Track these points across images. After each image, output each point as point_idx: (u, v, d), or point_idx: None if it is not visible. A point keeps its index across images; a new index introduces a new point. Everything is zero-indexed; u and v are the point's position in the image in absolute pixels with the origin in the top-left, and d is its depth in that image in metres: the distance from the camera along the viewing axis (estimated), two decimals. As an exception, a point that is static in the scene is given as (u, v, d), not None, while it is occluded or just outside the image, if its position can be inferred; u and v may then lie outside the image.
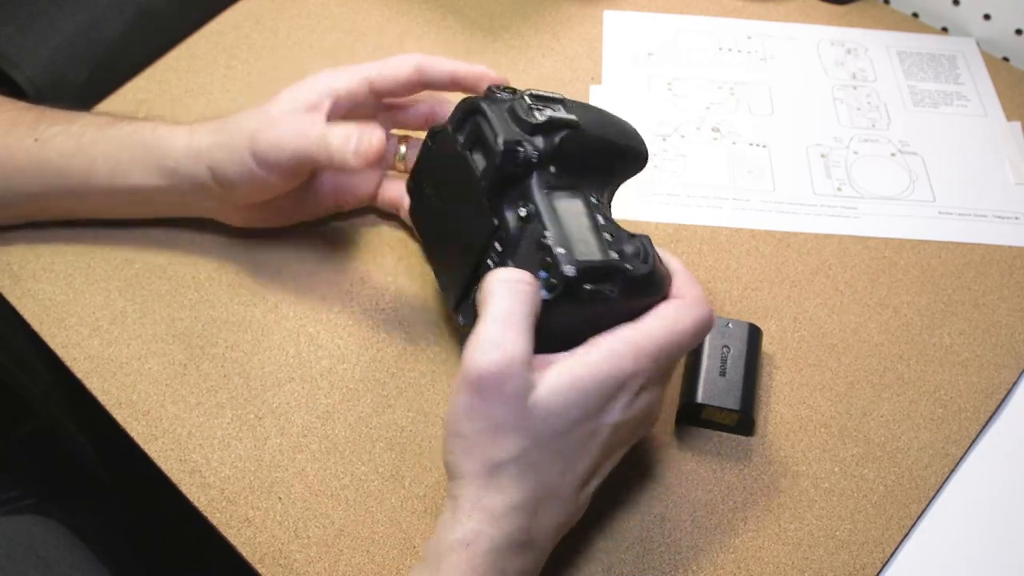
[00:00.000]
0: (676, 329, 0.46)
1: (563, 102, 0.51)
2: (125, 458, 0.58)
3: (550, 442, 0.44)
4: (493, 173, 0.48)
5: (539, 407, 0.43)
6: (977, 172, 0.70)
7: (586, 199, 0.49)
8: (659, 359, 0.46)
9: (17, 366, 0.87)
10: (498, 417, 0.43)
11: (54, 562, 0.62)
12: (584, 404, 0.44)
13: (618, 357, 0.45)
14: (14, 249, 0.63)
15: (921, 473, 0.54)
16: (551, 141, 0.49)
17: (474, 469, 0.44)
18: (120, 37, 0.73)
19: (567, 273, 0.44)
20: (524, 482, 0.44)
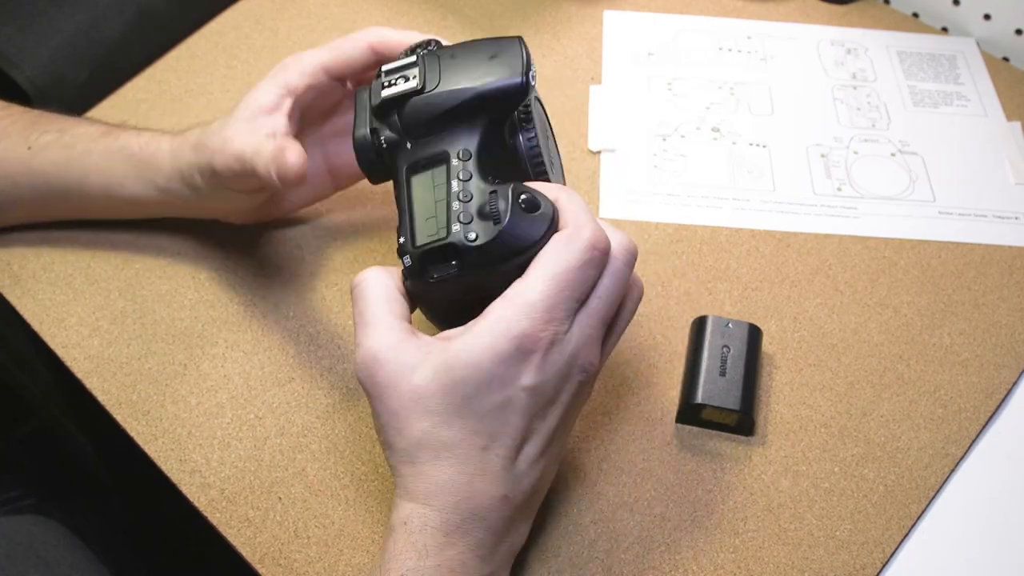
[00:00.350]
0: (562, 268, 0.43)
1: (417, 63, 0.47)
2: (125, 458, 0.58)
3: (455, 419, 0.43)
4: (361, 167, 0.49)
5: (427, 387, 0.43)
6: (977, 172, 0.70)
7: (448, 163, 0.46)
8: (554, 307, 0.43)
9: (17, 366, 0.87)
10: (391, 406, 0.44)
11: (54, 562, 0.62)
12: (481, 379, 0.42)
13: (505, 320, 0.42)
14: (14, 249, 0.63)
15: (921, 473, 0.54)
16: (395, 119, 0.47)
17: (397, 461, 0.44)
18: (120, 37, 0.73)
19: (405, 264, 0.45)
20: (442, 463, 0.43)
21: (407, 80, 0.47)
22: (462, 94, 0.46)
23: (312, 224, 0.65)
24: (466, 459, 0.43)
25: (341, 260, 0.63)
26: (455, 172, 0.45)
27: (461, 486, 0.43)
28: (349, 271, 0.62)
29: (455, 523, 0.43)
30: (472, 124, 0.47)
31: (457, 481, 0.43)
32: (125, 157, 0.58)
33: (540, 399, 0.44)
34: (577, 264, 0.43)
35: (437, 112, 0.46)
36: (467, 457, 0.43)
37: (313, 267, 0.62)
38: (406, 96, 0.47)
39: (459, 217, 0.44)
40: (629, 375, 0.58)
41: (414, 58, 0.48)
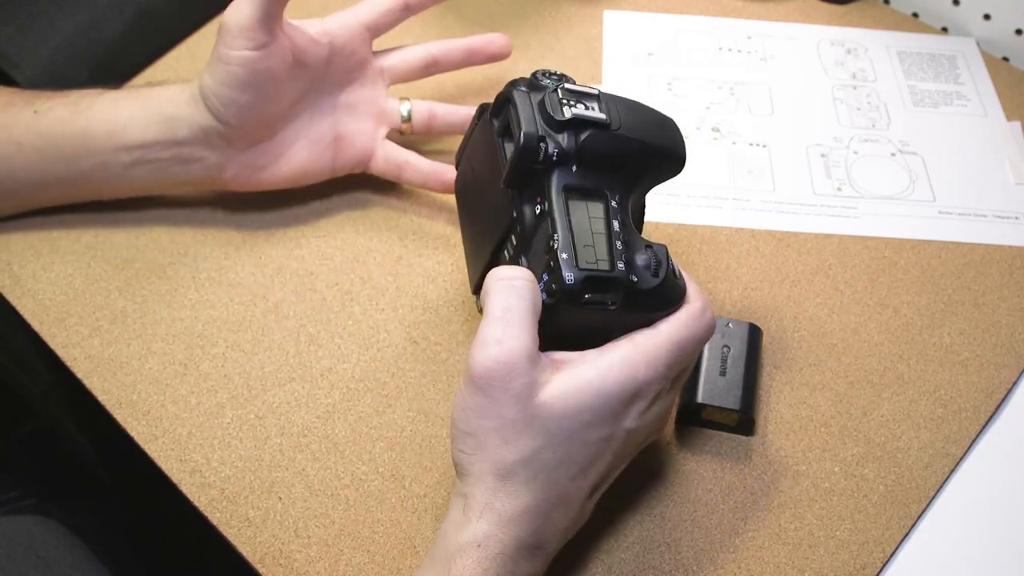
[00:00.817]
0: (688, 336, 0.46)
1: (599, 97, 0.48)
2: (125, 458, 0.58)
3: (563, 445, 0.44)
4: (512, 166, 0.47)
5: (551, 407, 0.43)
6: (977, 172, 0.70)
7: (607, 202, 0.47)
8: (672, 365, 0.46)
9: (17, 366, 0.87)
10: (507, 415, 0.43)
11: (54, 562, 0.62)
12: (600, 408, 0.44)
13: (634, 363, 0.45)
14: (14, 249, 0.63)
15: (921, 473, 0.54)
16: (574, 139, 0.47)
17: (485, 469, 0.44)
18: (120, 37, 0.73)
19: (567, 280, 0.44)
20: (535, 485, 0.44)
21: (590, 109, 0.48)
22: (642, 145, 0.49)
23: (312, 224, 0.65)
24: (557, 485, 0.44)
25: (341, 260, 0.63)
26: (614, 213, 0.47)
27: (543, 512, 0.44)
28: (349, 271, 0.62)
29: (524, 551, 0.44)
30: (629, 178, 0.49)
31: (542, 507, 0.44)
32: (132, 98, 0.59)
33: (627, 445, 0.47)
34: (698, 340, 0.47)
35: (616, 151, 0.48)
36: (558, 483, 0.44)
37: (313, 267, 0.62)
38: (593, 124, 0.47)
39: (622, 256, 0.45)
40: (629, 375, 0.58)
41: (595, 91, 0.49)
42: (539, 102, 0.48)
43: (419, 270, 0.62)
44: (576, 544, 0.51)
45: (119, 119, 0.58)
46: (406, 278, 0.62)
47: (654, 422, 0.48)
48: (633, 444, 0.47)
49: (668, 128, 0.51)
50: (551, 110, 0.47)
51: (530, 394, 0.43)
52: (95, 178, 0.61)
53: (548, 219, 0.46)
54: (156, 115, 0.58)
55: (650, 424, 0.47)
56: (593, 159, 0.47)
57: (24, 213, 0.63)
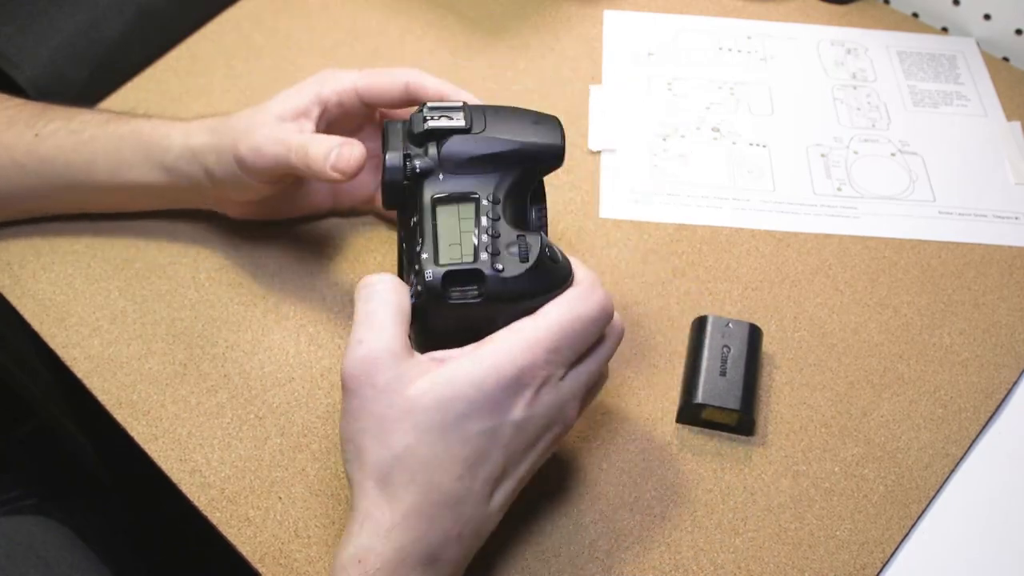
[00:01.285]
0: (571, 315, 0.45)
1: (463, 108, 0.51)
2: (125, 458, 0.58)
3: (439, 440, 0.42)
4: (382, 189, 0.50)
5: (420, 400, 0.42)
6: (977, 172, 0.70)
7: (477, 202, 0.48)
8: (558, 349, 0.44)
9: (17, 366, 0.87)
10: (376, 412, 0.42)
11: (54, 562, 0.62)
12: (476, 398, 0.42)
13: (510, 350, 0.43)
14: (14, 249, 0.63)
15: (921, 473, 0.54)
16: (435, 151, 0.49)
17: (365, 475, 0.43)
18: (120, 37, 0.73)
19: (427, 278, 0.45)
20: (414, 487, 0.42)
21: (451, 119, 0.50)
22: (507, 143, 0.50)
23: (312, 224, 0.65)
24: (439, 485, 0.42)
25: (341, 260, 0.63)
26: (484, 211, 0.48)
27: (427, 517, 0.42)
28: (349, 271, 0.62)
29: (412, 562, 0.42)
30: (504, 176, 0.50)
31: (425, 510, 0.42)
32: (134, 139, 0.58)
33: (522, 438, 0.44)
34: (587, 318, 0.45)
35: (478, 153, 0.49)
36: (441, 483, 0.42)
37: (313, 267, 0.62)
38: (450, 131, 0.49)
39: (487, 248, 0.46)
40: (629, 375, 0.58)
41: (460, 103, 0.51)
42: (407, 126, 0.51)
43: (419, 270, 0.62)
44: (576, 544, 0.51)
45: (122, 160, 0.58)
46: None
47: (551, 412, 0.45)
48: (531, 437, 0.45)
49: (543, 125, 0.52)
50: (413, 127, 0.50)
51: (397, 388, 0.42)
52: (97, 203, 0.62)
53: (418, 227, 0.48)
54: (158, 163, 0.58)
55: (547, 414, 0.45)
56: (456, 164, 0.49)
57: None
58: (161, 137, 0.58)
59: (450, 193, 0.49)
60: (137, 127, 0.59)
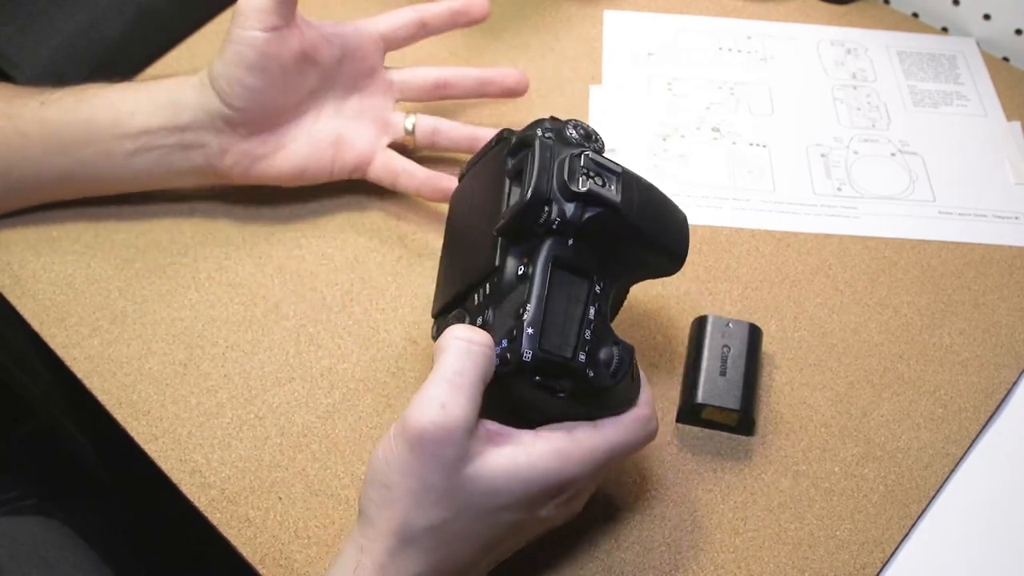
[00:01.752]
0: (626, 442, 0.46)
1: (620, 176, 0.46)
2: (125, 458, 0.58)
3: (475, 520, 0.43)
4: (510, 219, 0.45)
5: (475, 483, 0.42)
6: (977, 172, 0.70)
7: (591, 286, 0.45)
8: (603, 467, 0.45)
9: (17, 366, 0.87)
10: (430, 481, 0.42)
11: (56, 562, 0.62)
12: (520, 494, 0.43)
13: (566, 458, 0.44)
14: (14, 249, 0.63)
15: (921, 473, 0.54)
16: (580, 212, 0.44)
17: (390, 528, 0.42)
18: (120, 37, 0.73)
19: (524, 356, 0.42)
20: (435, 555, 0.43)
21: (608, 187, 0.45)
22: (649, 240, 0.46)
23: (312, 224, 0.65)
24: (456, 557, 0.43)
25: (341, 260, 0.63)
26: (594, 299, 0.45)
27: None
28: (349, 271, 0.62)
29: None
30: (621, 265, 0.47)
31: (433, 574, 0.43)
32: (138, 88, 0.60)
33: (536, 531, 0.47)
34: (634, 447, 0.46)
35: (618, 237, 0.45)
36: (458, 556, 0.43)
37: (313, 267, 0.62)
38: (605, 203, 0.45)
39: (586, 347, 0.43)
40: (629, 375, 0.58)
41: (620, 168, 0.46)
42: (560, 161, 0.45)
43: (419, 270, 0.62)
44: (576, 544, 0.51)
45: (124, 106, 0.59)
46: (406, 278, 0.62)
47: (567, 513, 0.47)
48: (541, 529, 0.47)
49: (677, 226, 0.48)
50: (567, 175, 0.44)
51: (459, 466, 0.42)
52: (97, 167, 0.60)
53: (528, 283, 0.44)
54: (162, 101, 0.59)
55: (564, 514, 0.47)
56: (592, 239, 0.45)
57: (25, 211, 0.63)
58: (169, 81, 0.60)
59: (570, 262, 0.44)
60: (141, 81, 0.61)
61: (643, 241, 0.46)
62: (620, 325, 0.59)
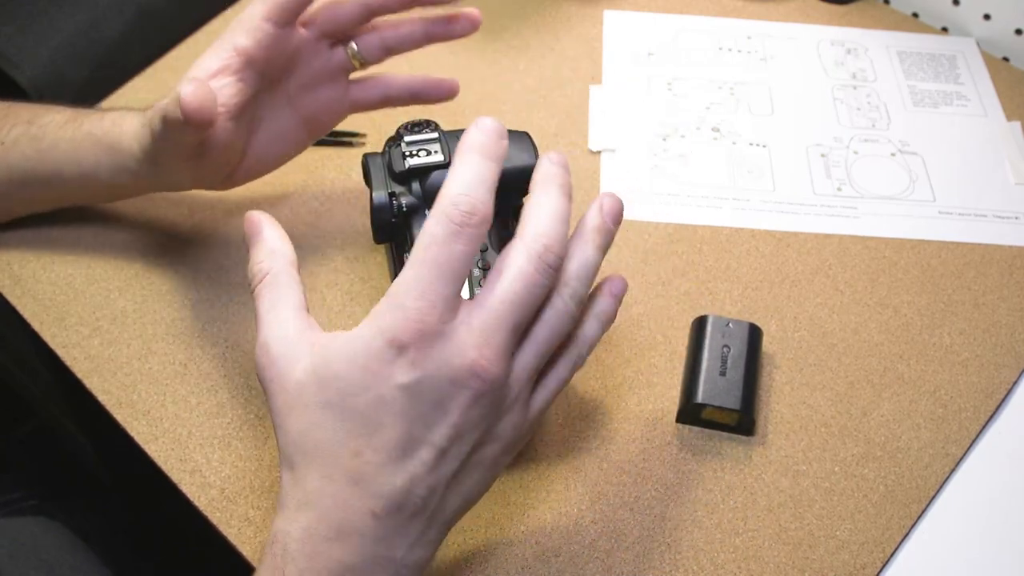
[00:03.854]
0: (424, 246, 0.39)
1: (439, 140, 0.52)
2: (125, 458, 0.58)
3: (328, 418, 0.40)
4: (373, 228, 0.52)
5: (308, 379, 0.41)
6: (977, 172, 0.70)
7: None
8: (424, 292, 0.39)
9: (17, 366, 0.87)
10: (277, 402, 0.42)
11: (56, 564, 0.62)
12: (354, 370, 0.40)
13: (378, 314, 0.40)
14: (14, 249, 0.63)
15: (921, 473, 0.54)
16: (419, 187, 0.51)
17: (281, 465, 0.43)
18: (120, 37, 0.73)
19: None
20: (314, 467, 0.41)
21: (430, 154, 0.51)
22: None
23: (312, 224, 0.65)
24: (336, 464, 0.40)
25: (341, 260, 0.63)
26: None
27: (328, 496, 0.40)
28: (349, 271, 0.62)
29: (318, 541, 0.40)
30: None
31: (325, 490, 0.40)
32: (91, 144, 0.57)
33: (421, 402, 0.40)
34: (441, 238, 0.39)
35: None
36: (337, 462, 0.40)
37: (313, 267, 0.62)
38: (432, 167, 0.51)
39: (479, 282, 0.47)
40: (629, 375, 0.58)
41: (436, 134, 0.52)
42: (387, 161, 0.52)
43: (419, 270, 0.62)
44: (576, 544, 0.51)
45: (85, 164, 0.57)
46: (406, 278, 0.62)
47: (451, 367, 0.39)
48: (435, 398, 0.40)
49: (517, 145, 0.53)
50: (394, 166, 0.52)
51: (287, 375, 0.41)
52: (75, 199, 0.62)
53: None
54: (120, 167, 0.57)
55: (444, 370, 0.39)
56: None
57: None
58: (116, 140, 0.56)
59: None
60: (91, 129, 0.57)
61: None
62: (620, 325, 0.59)
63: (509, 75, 0.75)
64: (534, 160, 0.52)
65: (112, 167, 0.57)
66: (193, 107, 0.48)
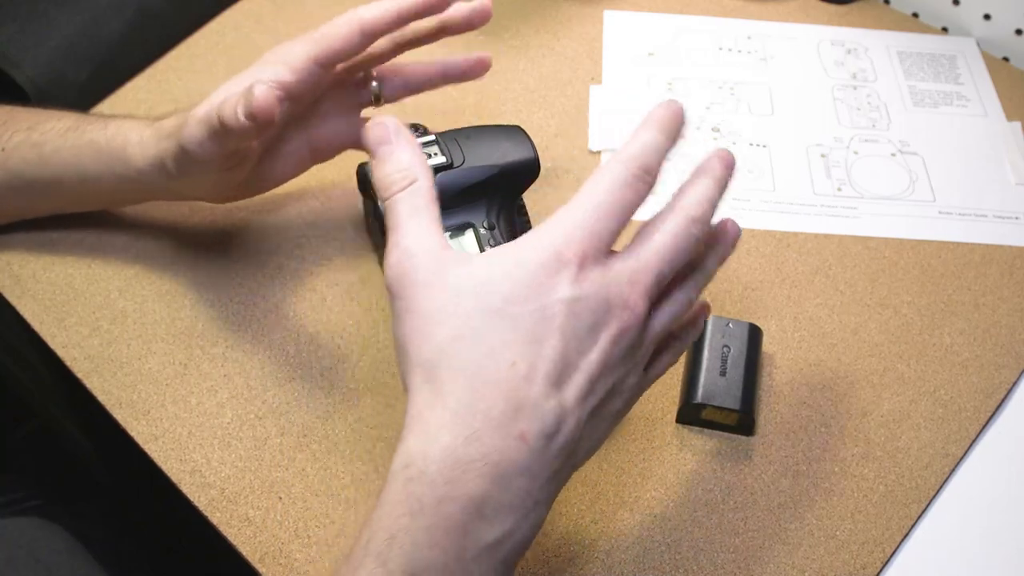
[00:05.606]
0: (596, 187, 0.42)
1: (437, 142, 0.52)
2: (125, 458, 0.58)
3: (485, 324, 0.39)
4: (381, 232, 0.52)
5: (463, 284, 0.40)
6: (977, 172, 0.70)
7: (476, 231, 0.51)
8: (590, 222, 0.41)
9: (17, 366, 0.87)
10: (421, 307, 0.40)
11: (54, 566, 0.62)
12: (518, 277, 0.39)
13: (543, 232, 0.41)
14: (14, 249, 0.63)
15: (921, 473, 0.54)
16: None
17: (414, 377, 0.40)
18: (120, 37, 0.73)
19: None
20: (463, 378, 0.38)
21: (431, 156, 0.52)
22: (489, 170, 0.52)
23: (312, 224, 0.65)
24: (489, 375, 0.38)
25: (341, 260, 0.63)
26: (484, 240, 0.50)
27: (479, 413, 0.38)
28: (349, 271, 0.62)
29: (462, 465, 0.37)
30: (491, 199, 0.52)
31: (476, 406, 0.38)
32: (94, 152, 0.57)
33: (579, 322, 0.39)
34: (610, 183, 0.42)
35: (466, 185, 0.51)
36: (490, 372, 0.38)
37: (313, 267, 0.62)
38: (435, 170, 0.51)
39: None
40: (629, 375, 0.58)
41: (432, 136, 0.53)
42: None
43: (419, 270, 0.62)
44: (576, 544, 0.51)
45: (88, 173, 0.57)
46: (406, 278, 0.62)
47: (603, 291, 0.40)
48: (589, 321, 0.40)
49: (513, 140, 0.54)
50: None
51: (437, 280, 0.40)
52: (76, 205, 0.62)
53: None
54: (122, 176, 0.57)
55: (598, 293, 0.40)
56: (448, 200, 0.50)
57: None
58: (119, 149, 0.56)
59: (448, 230, 0.50)
60: (94, 137, 0.57)
61: (487, 172, 0.52)
62: (620, 325, 0.59)
63: (509, 75, 0.75)
64: (531, 153, 0.53)
65: (115, 175, 0.57)
66: (264, 107, 0.48)
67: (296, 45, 0.54)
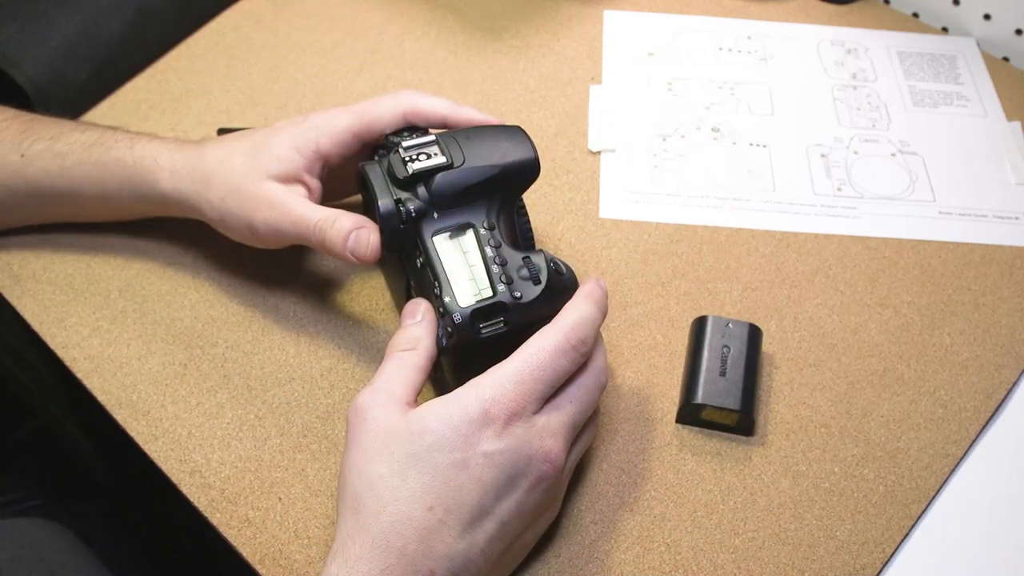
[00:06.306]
0: (536, 350, 0.46)
1: (437, 142, 0.52)
2: (125, 458, 0.58)
3: (411, 468, 0.43)
4: (382, 238, 0.52)
5: (400, 430, 0.44)
6: (977, 172, 0.70)
7: (476, 232, 0.51)
8: (523, 382, 0.45)
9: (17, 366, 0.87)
10: (363, 443, 0.44)
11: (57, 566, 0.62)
12: (447, 430, 0.44)
13: (478, 386, 0.45)
14: (14, 249, 0.63)
15: (921, 473, 0.54)
16: (427, 190, 0.51)
17: (344, 507, 0.44)
18: (120, 37, 0.73)
19: (456, 320, 0.48)
20: (385, 515, 0.42)
21: (430, 157, 0.52)
22: (490, 170, 0.52)
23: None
24: (408, 516, 0.42)
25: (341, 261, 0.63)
26: (485, 240, 0.50)
27: (394, 549, 0.42)
28: (349, 270, 0.62)
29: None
30: (491, 199, 0.52)
31: (391, 542, 0.42)
32: (119, 171, 0.58)
33: (498, 473, 0.44)
34: (552, 349, 0.46)
35: (467, 185, 0.51)
36: (410, 513, 0.42)
37: (313, 267, 0.62)
38: (436, 170, 0.51)
39: (500, 279, 0.49)
40: (629, 375, 0.58)
41: (432, 137, 0.53)
42: (387, 168, 0.52)
43: (419, 270, 0.62)
44: (576, 544, 0.51)
45: (109, 189, 0.58)
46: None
47: (525, 446, 0.45)
48: (508, 472, 0.44)
49: (513, 139, 0.54)
50: (396, 172, 0.52)
51: (381, 423, 0.45)
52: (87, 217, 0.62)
53: (426, 267, 0.50)
54: (146, 198, 0.58)
55: (520, 448, 0.44)
56: (448, 200, 0.51)
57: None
58: (147, 172, 0.57)
59: (447, 229, 0.51)
60: (120, 156, 0.58)
61: (488, 172, 0.52)
62: (621, 326, 0.59)
63: (509, 75, 0.75)
64: (531, 153, 0.53)
65: (137, 195, 0.58)
66: (370, 259, 0.52)
67: (340, 117, 0.56)
